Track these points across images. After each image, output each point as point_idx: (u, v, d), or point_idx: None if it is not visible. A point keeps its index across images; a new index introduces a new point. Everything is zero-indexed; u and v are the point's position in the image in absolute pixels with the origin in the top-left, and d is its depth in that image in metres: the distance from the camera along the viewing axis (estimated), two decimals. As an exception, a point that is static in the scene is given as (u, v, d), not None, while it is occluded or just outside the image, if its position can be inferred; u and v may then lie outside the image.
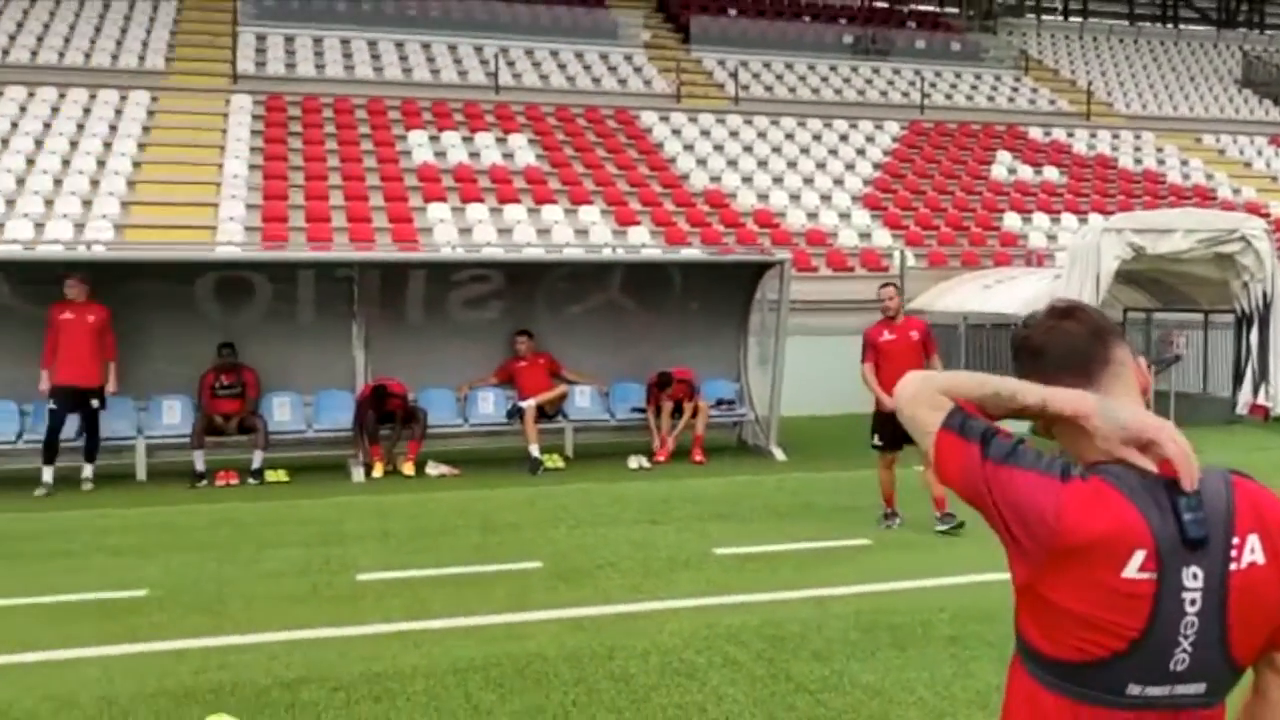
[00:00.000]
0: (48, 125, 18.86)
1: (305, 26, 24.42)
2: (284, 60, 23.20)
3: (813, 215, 19.89)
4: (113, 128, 19.12)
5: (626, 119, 22.77)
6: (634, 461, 11.71)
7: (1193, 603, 1.73)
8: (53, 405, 10.41)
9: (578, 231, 17.73)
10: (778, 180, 21.04)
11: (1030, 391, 1.83)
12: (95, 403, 10.58)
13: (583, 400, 12.51)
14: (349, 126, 20.39)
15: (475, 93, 23.06)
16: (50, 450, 10.38)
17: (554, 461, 11.74)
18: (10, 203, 16.20)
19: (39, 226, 15.61)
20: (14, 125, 18.66)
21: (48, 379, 10.42)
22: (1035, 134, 25.57)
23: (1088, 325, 1.90)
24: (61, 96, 19.90)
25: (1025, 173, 23.30)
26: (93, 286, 10.64)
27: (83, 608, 6.45)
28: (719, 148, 22.06)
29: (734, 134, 22.81)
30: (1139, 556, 1.72)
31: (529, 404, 11.75)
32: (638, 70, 25.51)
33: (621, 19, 27.55)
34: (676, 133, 22.50)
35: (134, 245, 15.03)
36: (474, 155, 20.04)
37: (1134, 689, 1.76)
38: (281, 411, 11.53)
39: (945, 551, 7.74)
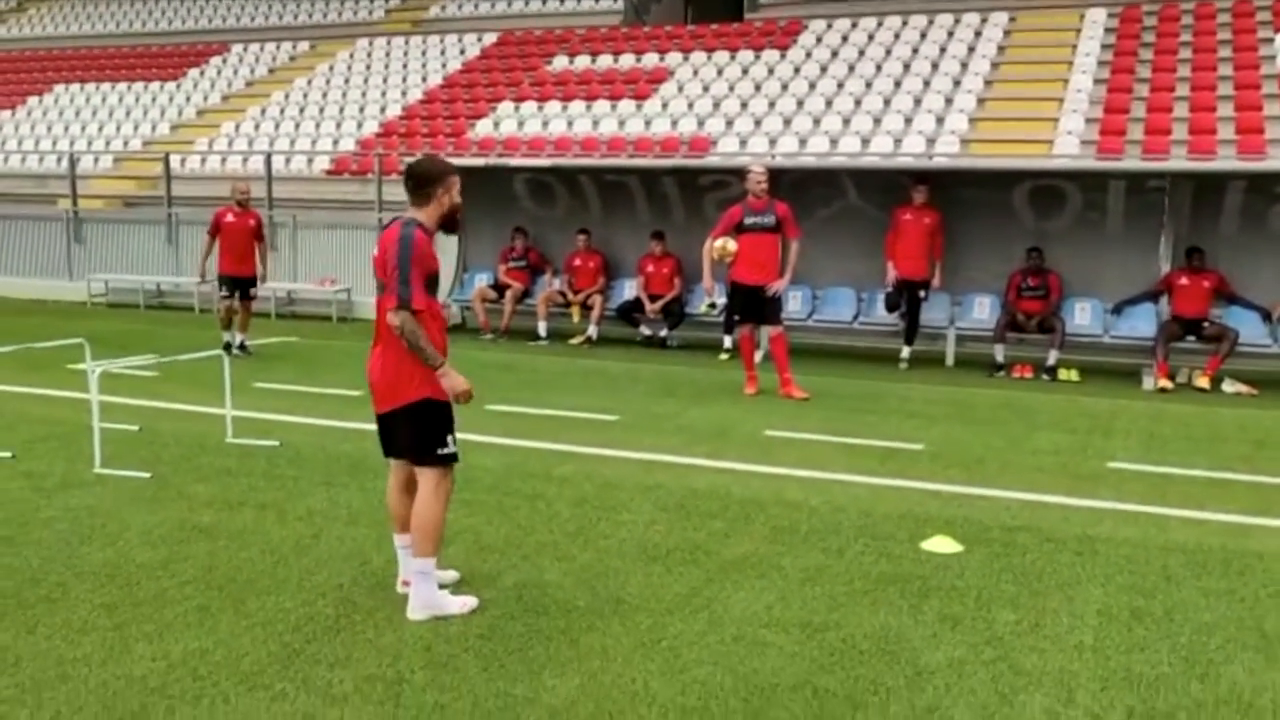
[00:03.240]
0: (915, 50, 20.98)
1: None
2: (1149, -35, 22.66)
3: None
4: (970, 49, 20.64)
5: None
6: None
7: None
8: (889, 289, 12.27)
9: None
10: None
11: None
12: (922, 293, 12.22)
13: None
14: (1207, 33, 19.45)
15: (1370, -18, 20.35)
16: (911, 330, 12.30)
17: (1377, 394, 10.69)
18: (877, 121, 18.61)
19: (897, 142, 17.78)
20: (887, 51, 21.10)
21: (893, 270, 12.23)
22: None
23: None
24: (930, 23, 21.89)
25: None
26: (931, 193, 12.16)
27: (869, 450, 7.95)
28: None
29: None
30: None
31: (1354, 329, 10.78)
32: None
33: None
34: None
35: (965, 157, 16.42)
36: (1351, 56, 17.91)
37: None
38: (1081, 315, 12.07)
39: None
